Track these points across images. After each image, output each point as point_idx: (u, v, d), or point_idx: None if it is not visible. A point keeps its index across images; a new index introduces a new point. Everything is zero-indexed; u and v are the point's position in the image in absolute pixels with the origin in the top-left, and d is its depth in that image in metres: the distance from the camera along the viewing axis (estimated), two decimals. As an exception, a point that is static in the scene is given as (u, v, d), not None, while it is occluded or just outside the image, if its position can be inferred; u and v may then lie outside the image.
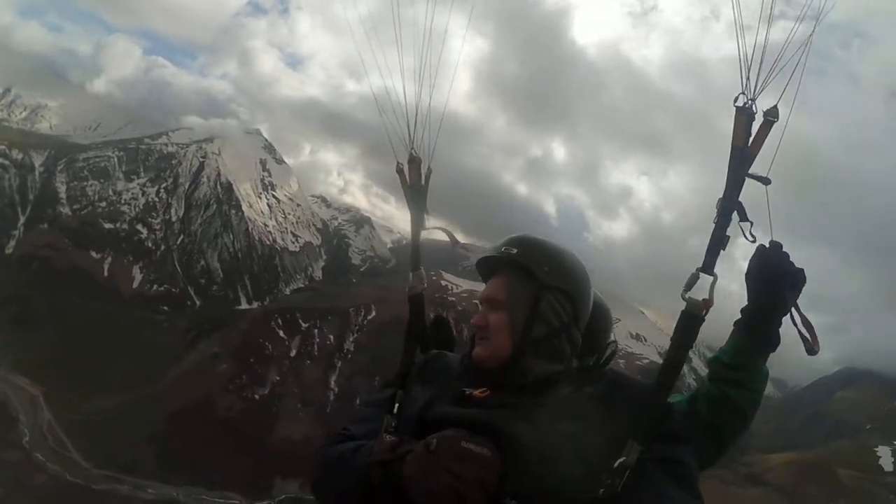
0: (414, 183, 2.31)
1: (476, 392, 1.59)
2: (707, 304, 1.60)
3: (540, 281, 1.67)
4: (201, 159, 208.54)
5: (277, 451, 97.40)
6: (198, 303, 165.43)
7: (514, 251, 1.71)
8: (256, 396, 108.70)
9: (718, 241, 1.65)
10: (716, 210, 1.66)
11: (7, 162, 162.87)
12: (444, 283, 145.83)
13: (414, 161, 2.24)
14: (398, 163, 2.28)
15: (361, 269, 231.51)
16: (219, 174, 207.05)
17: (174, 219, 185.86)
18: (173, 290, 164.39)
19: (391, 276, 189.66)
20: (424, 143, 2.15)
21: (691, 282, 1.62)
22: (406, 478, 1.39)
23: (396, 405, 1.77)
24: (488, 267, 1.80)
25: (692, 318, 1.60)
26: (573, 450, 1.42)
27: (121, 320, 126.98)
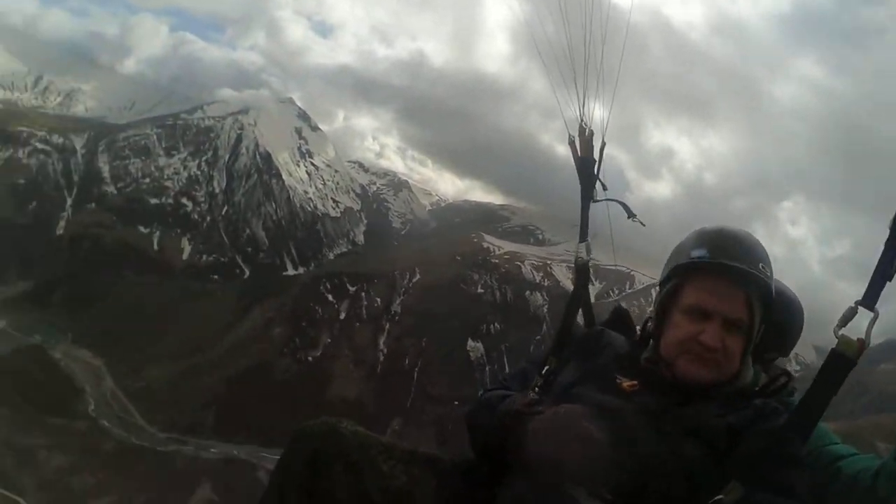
0: (585, 155, 2.15)
1: (625, 383, 1.61)
2: (862, 345, 1.43)
3: (767, 311, 1.66)
4: (238, 131, 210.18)
5: (331, 410, 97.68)
6: (247, 271, 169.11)
7: (769, 273, 1.63)
8: (310, 358, 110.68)
9: (886, 271, 1.43)
10: (889, 230, 1.41)
11: (48, 147, 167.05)
12: (485, 244, 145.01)
13: (584, 133, 2.10)
14: (570, 135, 2.15)
15: (402, 233, 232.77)
16: (257, 145, 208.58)
17: (217, 190, 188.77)
18: (222, 259, 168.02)
19: (432, 238, 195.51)
20: (595, 116, 2.05)
21: (847, 316, 1.44)
22: (528, 433, 1.50)
23: (546, 367, 1.90)
24: (702, 271, 1.65)
25: (843, 359, 1.45)
26: (684, 472, 1.41)
27: (174, 291, 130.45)
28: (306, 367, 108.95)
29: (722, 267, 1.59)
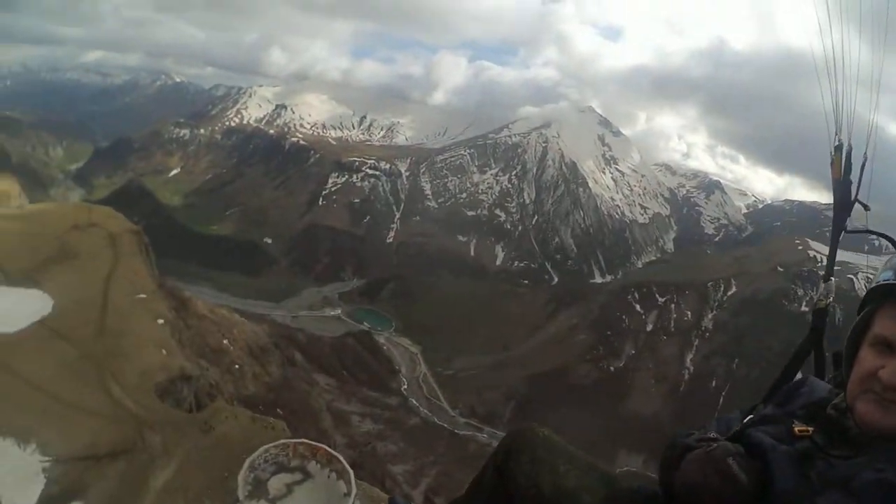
0: (838, 177, 1.94)
1: (797, 428, 1.49)
2: None
3: None
4: (543, 144, 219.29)
5: (625, 424, 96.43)
6: (555, 277, 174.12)
7: None
8: (611, 368, 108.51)
9: None
10: None
11: (377, 172, 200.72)
12: (811, 252, 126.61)
13: (839, 150, 1.86)
14: (832, 153, 1.92)
15: (715, 239, 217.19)
16: (562, 156, 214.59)
17: (527, 201, 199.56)
18: (532, 265, 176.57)
19: (748, 245, 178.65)
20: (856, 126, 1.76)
21: None
22: (683, 461, 1.54)
23: (750, 416, 1.83)
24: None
25: None
26: None
27: (486, 293, 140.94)
28: (606, 375, 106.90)
29: None
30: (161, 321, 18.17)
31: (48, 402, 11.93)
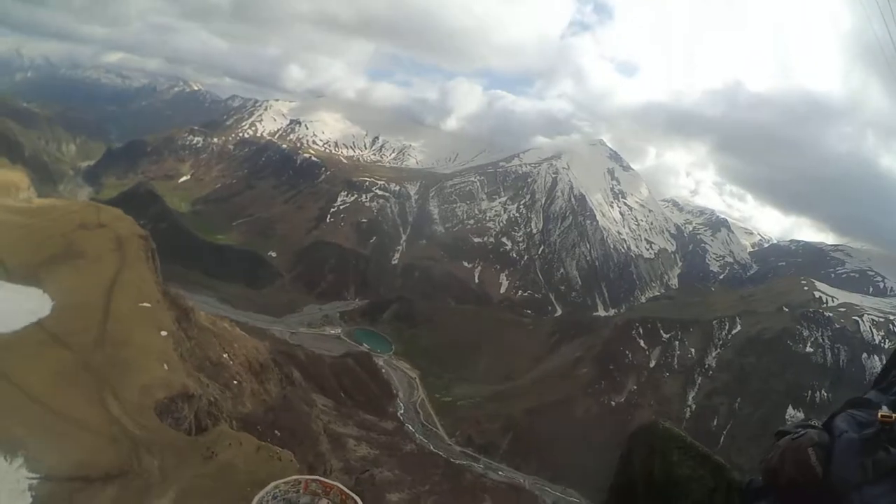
0: None
1: (882, 414, 1.56)
2: None
3: None
4: (553, 175, 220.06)
5: None
6: (559, 308, 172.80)
7: None
8: (612, 403, 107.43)
9: None
10: None
11: (387, 193, 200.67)
12: (816, 293, 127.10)
13: None
14: None
15: (720, 277, 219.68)
16: (571, 187, 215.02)
17: (534, 231, 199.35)
18: (536, 295, 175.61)
19: (753, 284, 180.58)
20: None
21: None
22: (774, 454, 1.69)
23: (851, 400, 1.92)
24: None
25: None
26: None
27: (489, 321, 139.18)
28: (607, 410, 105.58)
29: None
30: (164, 333, 17.21)
31: (41, 413, 10.90)
